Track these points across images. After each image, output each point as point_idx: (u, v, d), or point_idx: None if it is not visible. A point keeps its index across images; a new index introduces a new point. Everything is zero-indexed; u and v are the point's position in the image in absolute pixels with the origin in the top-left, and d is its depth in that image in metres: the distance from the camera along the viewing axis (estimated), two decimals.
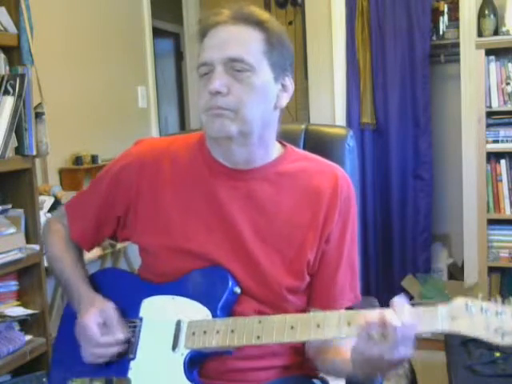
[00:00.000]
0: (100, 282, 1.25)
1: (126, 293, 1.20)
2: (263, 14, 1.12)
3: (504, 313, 0.90)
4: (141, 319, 1.16)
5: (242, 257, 1.12)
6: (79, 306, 1.17)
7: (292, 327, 1.01)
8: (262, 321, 1.04)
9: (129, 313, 1.17)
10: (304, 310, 1.13)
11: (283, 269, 1.12)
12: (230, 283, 1.11)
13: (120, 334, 1.13)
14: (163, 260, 1.16)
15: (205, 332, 1.07)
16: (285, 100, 1.15)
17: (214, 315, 1.09)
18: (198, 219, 1.15)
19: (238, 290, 1.11)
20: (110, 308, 1.15)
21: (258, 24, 1.10)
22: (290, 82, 1.15)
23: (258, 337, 1.03)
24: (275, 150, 1.19)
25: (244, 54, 1.07)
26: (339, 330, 0.98)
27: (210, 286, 1.11)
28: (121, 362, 1.14)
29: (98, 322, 1.13)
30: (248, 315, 1.08)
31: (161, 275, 1.17)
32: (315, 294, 1.17)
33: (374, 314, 0.93)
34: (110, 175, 1.24)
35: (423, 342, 3.23)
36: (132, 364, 1.13)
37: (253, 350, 1.10)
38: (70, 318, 1.20)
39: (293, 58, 1.17)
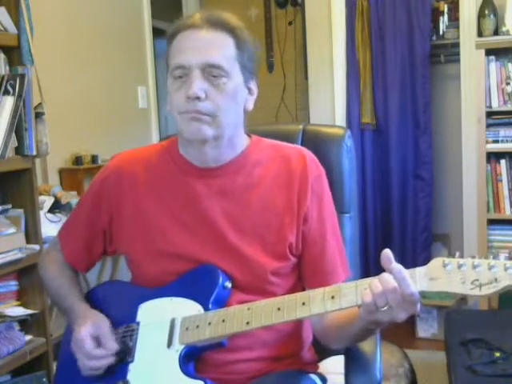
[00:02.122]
0: (98, 296, 1.29)
1: (123, 301, 1.23)
2: (234, 20, 1.16)
3: (480, 265, 0.91)
4: (138, 323, 1.19)
5: (225, 250, 1.16)
6: (74, 322, 1.20)
7: (279, 308, 1.05)
8: (250, 307, 1.07)
9: (126, 319, 1.20)
10: (292, 291, 1.16)
11: (265, 253, 1.16)
12: (221, 278, 1.14)
13: (112, 346, 1.15)
14: (149, 265, 1.20)
15: (198, 326, 1.10)
16: (251, 103, 1.20)
17: (206, 310, 1.12)
18: (177, 221, 1.19)
19: (228, 284, 1.15)
20: (102, 321, 1.18)
21: (230, 30, 1.14)
22: (254, 86, 1.20)
23: (248, 322, 1.06)
24: (243, 142, 1.23)
25: (221, 61, 1.11)
26: (324, 305, 1.01)
27: (202, 283, 1.15)
28: (120, 366, 1.16)
29: (91, 334, 1.15)
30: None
31: (150, 281, 1.20)
32: (308, 275, 1.21)
33: (376, 284, 0.96)
34: (91, 193, 1.29)
35: (423, 341, 3.23)
36: (130, 366, 1.16)
37: (242, 341, 1.13)
38: (71, 333, 1.22)
39: (259, 61, 1.22)
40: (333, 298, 1.01)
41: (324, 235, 1.20)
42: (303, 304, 1.03)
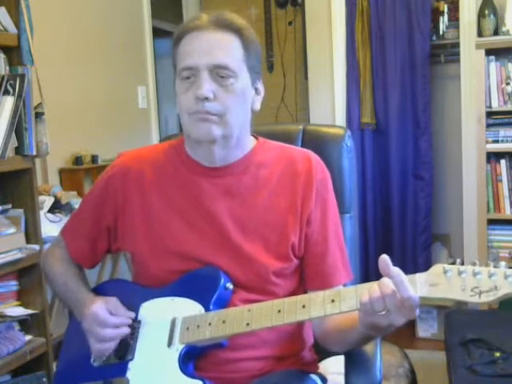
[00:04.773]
0: (102, 294, 1.28)
1: (124, 300, 1.23)
2: (240, 21, 1.17)
3: (480, 273, 0.92)
4: (139, 322, 1.19)
5: (228, 250, 1.17)
6: (83, 309, 1.20)
7: (279, 311, 1.05)
8: (251, 309, 1.08)
9: None
10: (293, 293, 1.17)
11: (268, 254, 1.17)
12: (222, 280, 1.15)
13: (129, 313, 1.18)
14: (154, 263, 1.20)
15: (198, 326, 1.11)
16: (258, 103, 1.21)
17: (207, 310, 1.13)
18: (182, 220, 1.20)
19: (230, 285, 1.16)
20: (112, 299, 1.20)
21: (238, 31, 1.15)
22: (261, 86, 1.22)
23: (248, 324, 1.06)
24: (249, 143, 1.24)
25: (229, 61, 1.12)
26: (324, 308, 1.02)
27: (204, 284, 1.15)
28: (120, 364, 1.17)
29: (105, 307, 1.17)
30: (238, 305, 1.13)
31: (153, 279, 1.21)
32: (309, 276, 1.22)
33: (375, 288, 0.98)
34: (97, 190, 1.29)
35: (423, 341, 3.23)
36: (130, 365, 1.16)
37: (244, 340, 1.13)
38: (75, 328, 1.23)
39: (261, 61, 1.23)
40: (333, 301, 1.01)
41: (326, 238, 1.21)
42: (303, 307, 1.03)
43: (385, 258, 0.97)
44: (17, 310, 2.05)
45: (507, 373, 1.92)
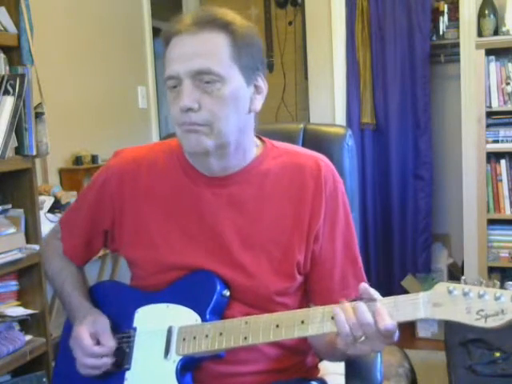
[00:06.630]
0: (97, 295, 1.26)
1: (121, 304, 1.20)
2: (227, 15, 1.06)
3: (486, 294, 0.87)
4: (135, 329, 1.16)
5: (229, 264, 1.11)
6: (74, 319, 1.18)
7: (277, 326, 1.00)
8: (248, 322, 1.03)
9: (124, 324, 1.17)
10: (296, 309, 1.11)
11: (271, 272, 1.10)
12: (219, 287, 1.10)
13: (111, 343, 1.12)
14: (151, 273, 1.16)
15: (194, 337, 1.07)
16: (259, 102, 1.11)
17: (204, 320, 1.08)
18: (181, 230, 1.14)
19: (226, 293, 1.10)
20: (102, 320, 1.16)
21: (223, 27, 1.04)
22: (262, 82, 1.11)
23: (245, 338, 1.02)
24: (254, 149, 1.15)
25: (211, 65, 1.02)
26: (322, 326, 0.97)
27: (200, 291, 1.10)
28: (117, 373, 1.14)
29: (90, 332, 1.13)
30: (237, 317, 1.08)
31: (150, 285, 1.17)
32: (315, 293, 1.16)
33: (351, 317, 0.94)
34: (93, 190, 1.24)
35: (423, 341, 3.23)
36: (127, 374, 1.13)
37: (246, 355, 1.09)
38: (69, 332, 1.20)
39: (262, 55, 1.11)
40: (333, 318, 0.96)
41: (335, 253, 1.14)
42: (302, 322, 0.99)
43: (364, 287, 0.95)
44: (17, 310, 2.05)
45: (507, 373, 1.92)
